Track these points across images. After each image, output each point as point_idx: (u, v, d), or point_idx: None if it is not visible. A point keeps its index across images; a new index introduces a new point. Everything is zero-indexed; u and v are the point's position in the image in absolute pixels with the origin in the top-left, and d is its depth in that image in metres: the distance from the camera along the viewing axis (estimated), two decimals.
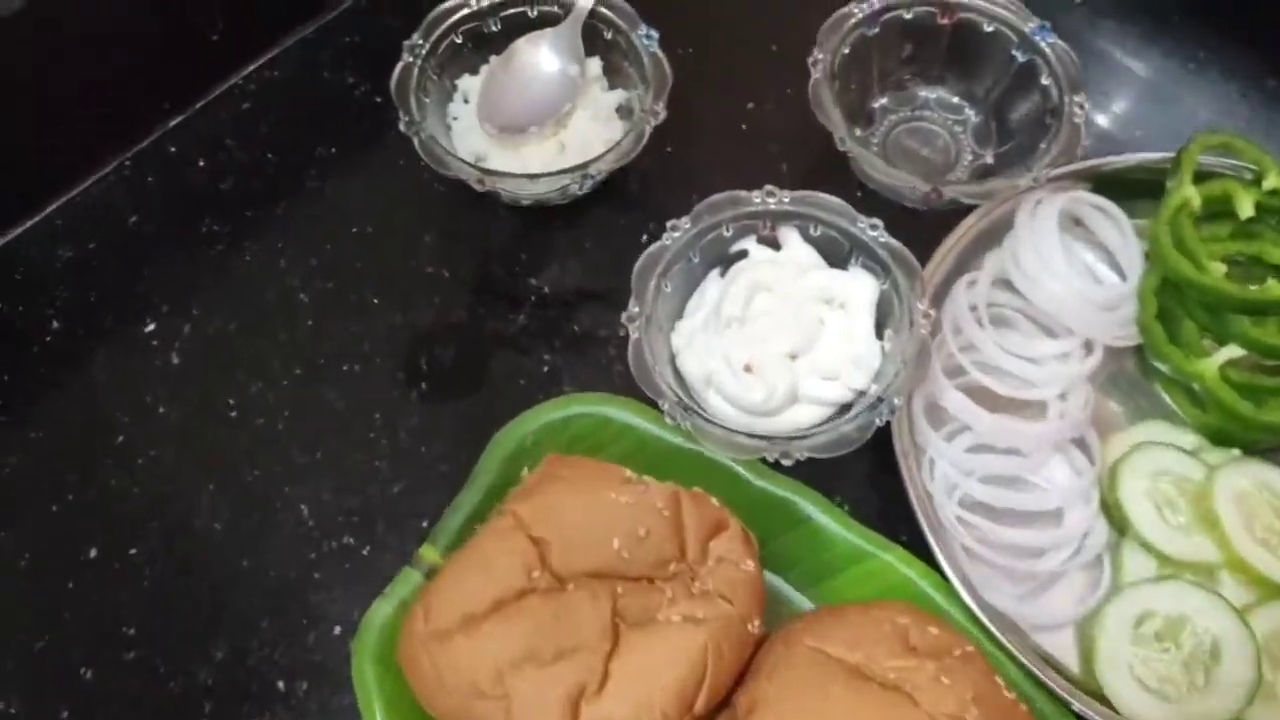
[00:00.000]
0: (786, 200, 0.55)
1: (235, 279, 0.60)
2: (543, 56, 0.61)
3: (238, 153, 0.64)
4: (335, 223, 0.62)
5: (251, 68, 0.67)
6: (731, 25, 0.70)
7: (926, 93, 0.65)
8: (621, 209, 0.62)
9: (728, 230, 0.55)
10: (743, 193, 0.55)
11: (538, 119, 0.60)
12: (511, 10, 0.61)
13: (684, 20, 0.68)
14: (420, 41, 0.59)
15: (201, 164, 0.64)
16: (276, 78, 0.67)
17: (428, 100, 0.59)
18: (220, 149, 0.64)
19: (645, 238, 0.61)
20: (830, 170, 0.61)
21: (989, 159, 0.63)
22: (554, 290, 0.60)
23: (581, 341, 0.58)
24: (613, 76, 0.63)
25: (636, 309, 0.51)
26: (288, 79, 0.67)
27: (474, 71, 0.63)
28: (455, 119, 0.62)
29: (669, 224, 0.54)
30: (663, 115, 0.56)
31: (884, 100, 0.65)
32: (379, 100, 0.66)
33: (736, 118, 0.66)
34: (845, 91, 0.61)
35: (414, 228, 0.62)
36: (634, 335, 0.51)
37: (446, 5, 0.60)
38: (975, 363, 0.55)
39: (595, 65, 0.62)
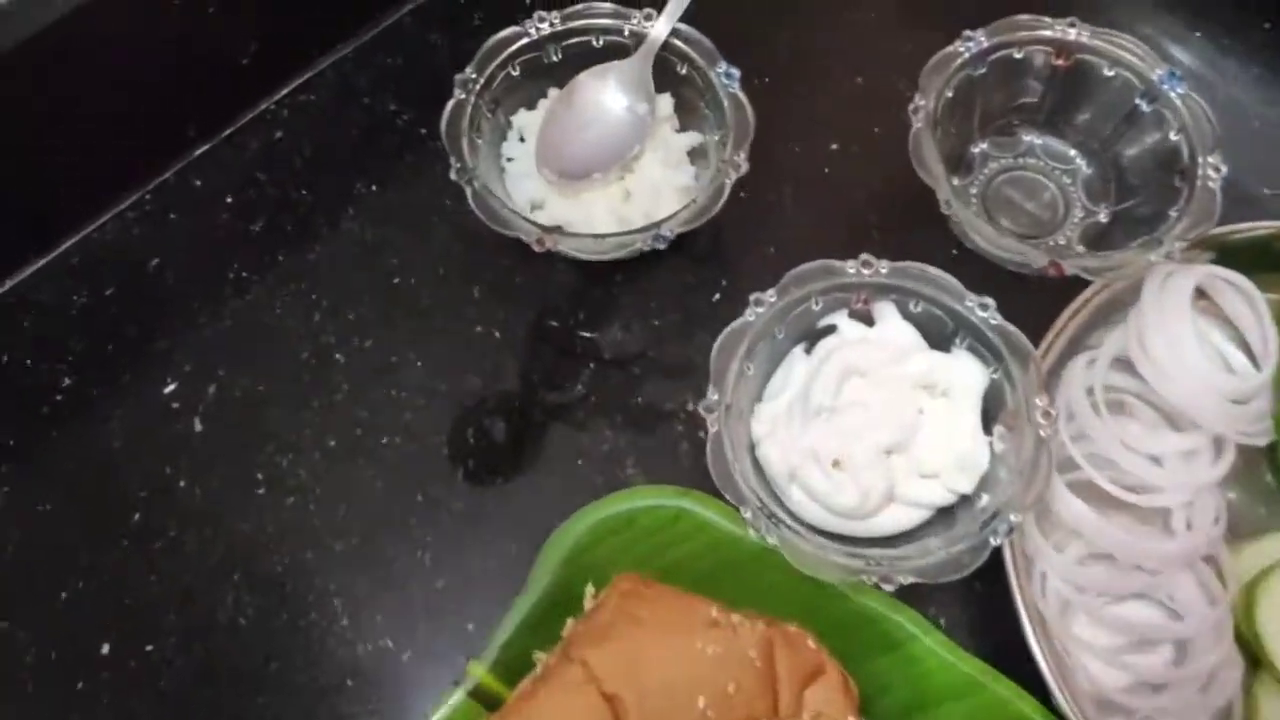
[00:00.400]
0: (884, 271, 0.48)
1: (265, 334, 0.54)
2: (608, 93, 0.54)
3: (269, 188, 0.58)
4: (375, 271, 0.56)
5: (284, 91, 0.61)
6: (811, 54, 0.63)
7: (1032, 138, 0.58)
8: (690, 264, 0.56)
9: (817, 304, 0.49)
10: (836, 262, 0.49)
11: (602, 164, 0.54)
12: (574, 40, 0.55)
13: (759, 47, 0.62)
14: (474, 76, 0.53)
15: (229, 200, 0.58)
16: (312, 103, 0.61)
17: (480, 141, 0.53)
18: (250, 184, 0.58)
19: (717, 296, 0.55)
20: (924, 221, 0.54)
21: (1102, 217, 0.56)
22: (615, 355, 0.54)
23: (646, 415, 0.52)
24: (685, 115, 0.56)
25: (715, 397, 0.46)
26: (323, 105, 0.61)
27: (531, 106, 0.57)
28: (510, 160, 0.56)
29: (752, 298, 0.48)
30: (744, 168, 0.50)
31: (984, 145, 0.59)
32: (423, 131, 0.60)
33: (818, 160, 0.59)
34: (945, 137, 0.54)
35: (461, 279, 0.56)
36: (713, 429, 0.45)
37: (502, 35, 0.54)
38: (1089, 456, 0.49)
39: (666, 103, 0.56)
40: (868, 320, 0.50)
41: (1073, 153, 0.57)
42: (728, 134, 0.52)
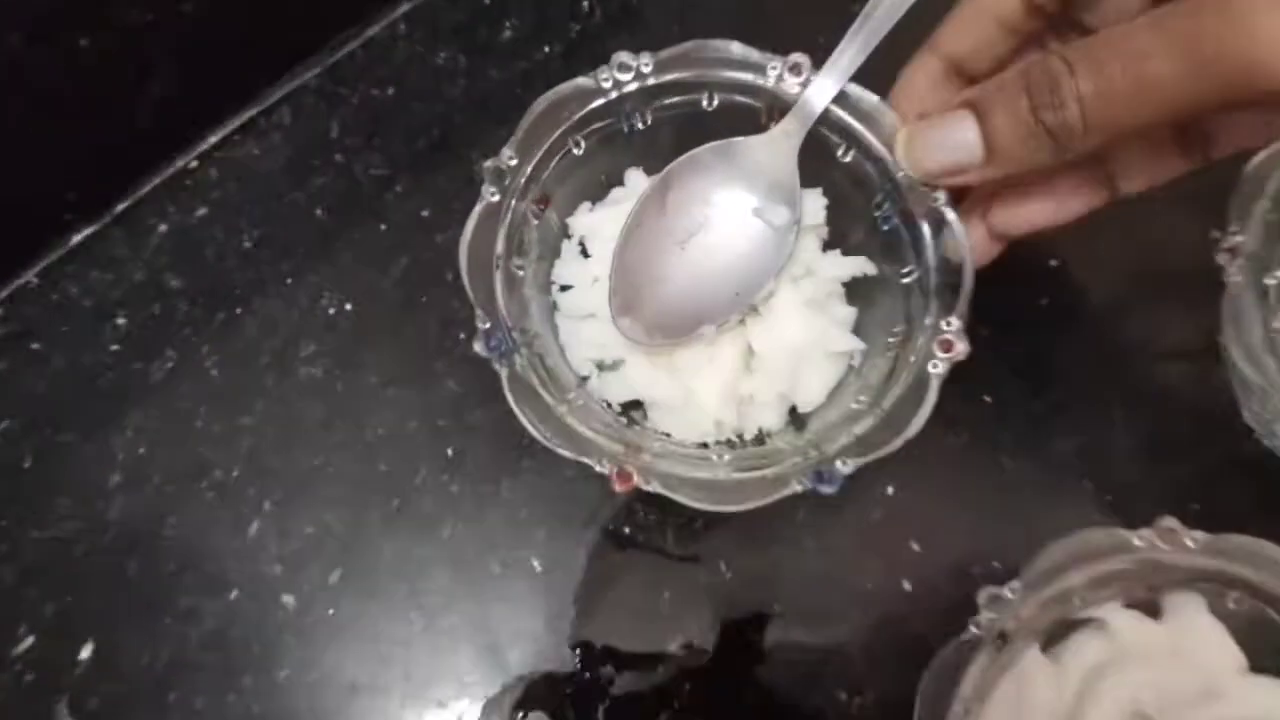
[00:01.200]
0: (1195, 547, 0.29)
1: (171, 560, 0.35)
2: (728, 190, 0.33)
3: (181, 301, 0.38)
4: (346, 451, 0.36)
5: (212, 140, 0.40)
6: None
7: None
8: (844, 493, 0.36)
9: (1080, 597, 0.30)
10: (1119, 530, 0.29)
11: (715, 310, 0.33)
12: (673, 100, 0.34)
13: None
14: (513, 161, 0.32)
15: (120, 320, 0.38)
16: (253, 159, 0.40)
17: (523, 270, 0.33)
18: (153, 292, 0.38)
19: (879, 514, 0.36)
20: (1209, 406, 0.35)
21: None
22: (727, 642, 0.35)
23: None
24: (841, 224, 0.35)
25: None
26: (271, 161, 0.40)
27: (599, 197, 0.36)
28: (565, 289, 0.35)
29: (983, 596, 0.28)
30: (962, 350, 0.30)
31: None
32: (425, 213, 0.39)
33: (1037, 297, 0.39)
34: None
35: (483, 469, 0.36)
36: None
37: (561, 92, 0.32)
38: None
39: (815, 205, 0.35)
40: (1150, 609, 0.31)
41: None
42: (925, 276, 0.32)
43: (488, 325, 0.30)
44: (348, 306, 0.38)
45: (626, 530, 0.36)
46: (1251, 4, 0.22)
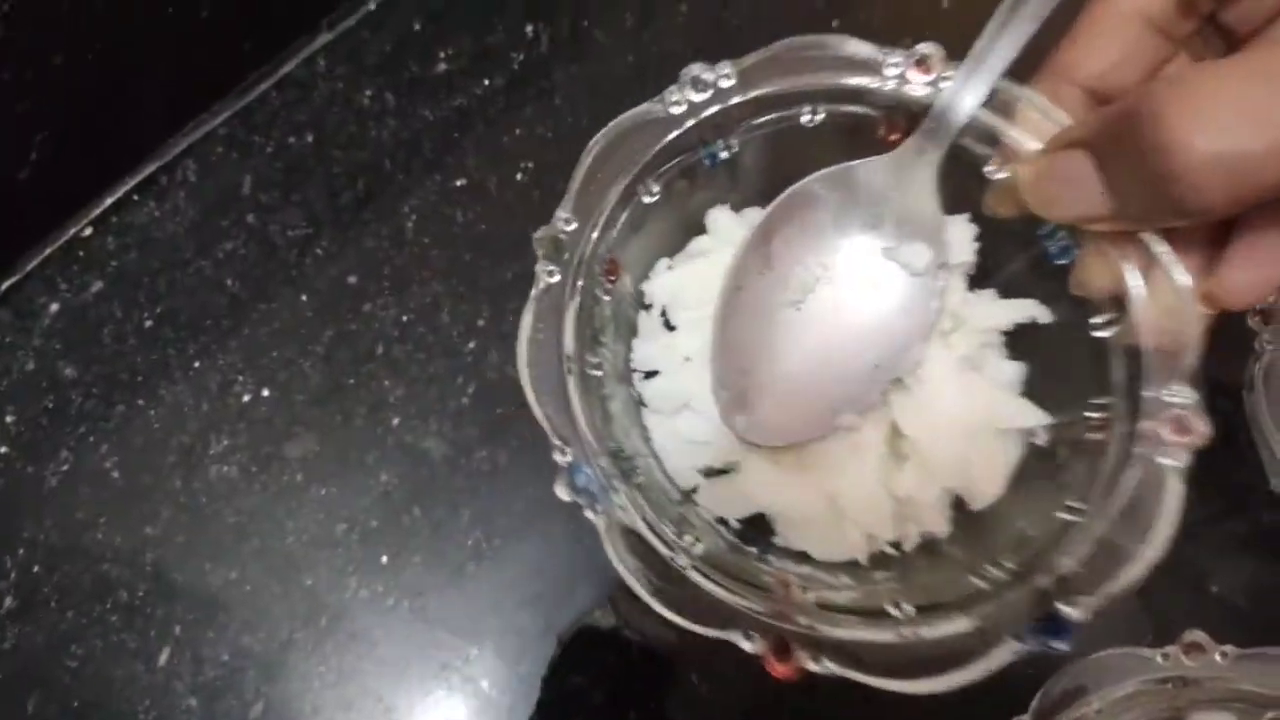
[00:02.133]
0: (1224, 662, 0.26)
1: (69, 700, 0.31)
2: (847, 232, 0.26)
3: (74, 392, 0.33)
4: (258, 576, 0.32)
5: (110, 200, 0.35)
6: None
7: None
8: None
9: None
10: (1140, 651, 0.26)
11: (853, 393, 0.26)
12: (764, 118, 0.26)
13: None
14: (571, 223, 0.25)
15: (9, 419, 0.33)
16: (154, 221, 0.35)
17: (599, 370, 0.25)
18: (42, 380, 0.33)
19: None
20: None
21: None
22: None
23: None
24: (995, 255, 0.27)
25: None
26: (177, 223, 0.36)
27: (676, 249, 0.29)
28: (647, 376, 0.28)
29: None
30: (1204, 432, 0.22)
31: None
32: (352, 280, 0.35)
33: None
34: None
35: (420, 583, 0.32)
36: None
37: (623, 124, 0.25)
38: None
39: (964, 237, 0.27)
40: None
41: None
42: (1127, 324, 0.23)
43: (569, 458, 0.23)
44: (264, 392, 0.33)
45: (587, 641, 0.32)
46: None
